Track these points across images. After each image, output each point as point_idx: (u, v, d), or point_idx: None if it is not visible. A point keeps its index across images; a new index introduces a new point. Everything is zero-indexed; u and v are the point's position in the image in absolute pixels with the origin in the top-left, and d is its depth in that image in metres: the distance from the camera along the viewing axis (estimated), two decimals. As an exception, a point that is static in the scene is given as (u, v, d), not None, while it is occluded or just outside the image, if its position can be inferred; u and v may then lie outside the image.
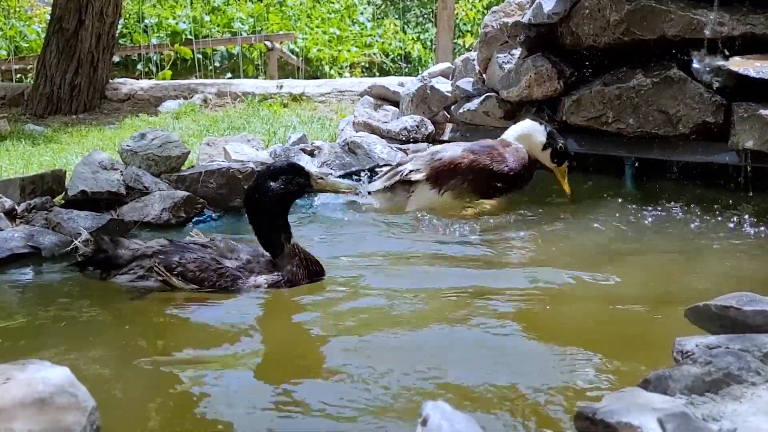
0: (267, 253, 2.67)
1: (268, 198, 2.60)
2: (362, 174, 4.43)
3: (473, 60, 5.04)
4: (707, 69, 3.76)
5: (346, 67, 12.19)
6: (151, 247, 2.67)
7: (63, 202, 3.51)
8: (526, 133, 3.94)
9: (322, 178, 2.74)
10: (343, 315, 2.36)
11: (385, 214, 3.77)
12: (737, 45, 3.74)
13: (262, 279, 2.59)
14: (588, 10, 4.08)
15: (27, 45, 10.90)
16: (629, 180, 4.34)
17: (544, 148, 3.89)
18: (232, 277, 2.58)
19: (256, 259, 2.66)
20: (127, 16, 11.13)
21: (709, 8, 3.77)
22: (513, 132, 3.98)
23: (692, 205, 3.65)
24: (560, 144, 3.90)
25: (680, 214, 3.61)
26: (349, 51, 12.24)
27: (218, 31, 11.70)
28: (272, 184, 2.61)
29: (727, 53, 3.75)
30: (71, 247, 2.67)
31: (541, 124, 3.98)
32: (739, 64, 3.65)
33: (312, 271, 2.65)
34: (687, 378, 1.33)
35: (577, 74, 4.33)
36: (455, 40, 11.25)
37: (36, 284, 2.77)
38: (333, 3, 13.25)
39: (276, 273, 2.61)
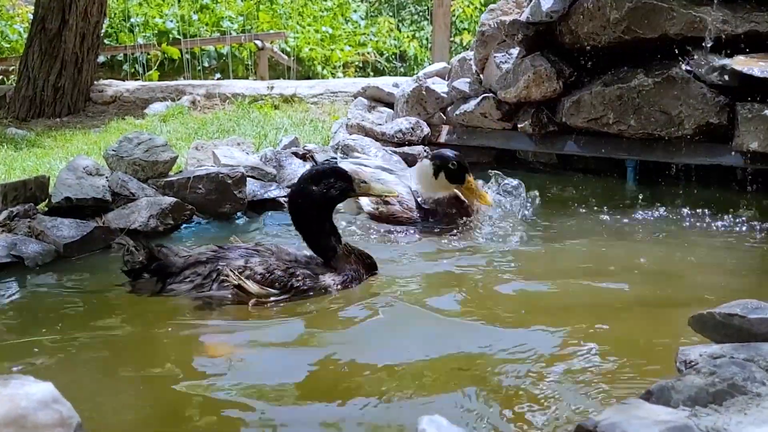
0: (317, 256, 2.69)
1: (311, 203, 2.65)
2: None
3: (470, 60, 5.06)
4: (710, 68, 3.77)
5: (339, 66, 12.19)
6: (203, 254, 2.62)
7: (47, 209, 3.50)
8: (417, 175, 3.65)
9: (364, 182, 2.80)
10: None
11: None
12: (741, 43, 3.76)
13: (330, 279, 2.60)
14: (587, 8, 4.10)
15: (9, 45, 10.88)
16: (631, 182, 4.36)
17: (436, 174, 3.50)
18: (303, 275, 2.56)
19: (313, 260, 2.68)
20: (113, 15, 11.12)
21: (712, 6, 3.79)
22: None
23: (695, 209, 3.67)
24: (451, 162, 3.50)
25: (683, 217, 3.62)
26: (342, 50, 12.24)
27: (207, 30, 11.69)
28: (314, 188, 2.66)
29: (730, 52, 3.77)
30: (122, 252, 2.61)
31: (426, 156, 3.79)
32: (742, 63, 3.67)
33: (368, 265, 2.71)
34: (690, 389, 1.33)
35: (577, 74, 4.35)
36: (451, 39, 11.26)
37: (18, 295, 2.76)
38: (325, 0, 13.26)
39: (342, 273, 2.63)
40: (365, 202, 3.65)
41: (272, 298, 2.51)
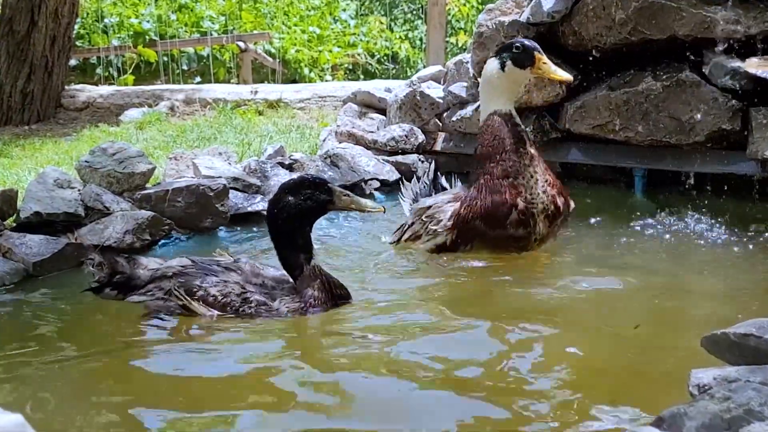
0: (287, 279, 2.76)
1: (285, 213, 2.69)
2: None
3: (467, 62, 5.07)
4: (722, 71, 3.79)
5: (328, 69, 12.23)
6: (171, 267, 2.75)
7: (14, 224, 3.49)
8: (484, 85, 3.49)
9: (347, 195, 2.80)
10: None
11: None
12: (755, 45, 3.79)
13: (284, 307, 2.66)
14: (591, 8, 4.12)
15: (-27, 48, 10.86)
16: (639, 192, 4.37)
17: (503, 65, 3.37)
18: (257, 302, 2.65)
19: (281, 285, 2.74)
20: (85, 15, 11.12)
21: (724, 5, 3.82)
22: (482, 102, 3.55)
23: (707, 220, 3.68)
24: (514, 45, 3.37)
25: (694, 229, 3.63)
26: (330, 51, 12.27)
27: (186, 31, 11.71)
28: (290, 198, 2.70)
29: (744, 54, 3.79)
30: (86, 271, 2.79)
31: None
32: (756, 66, 3.69)
33: (336, 295, 2.72)
34: (704, 415, 1.34)
35: (581, 78, 4.37)
36: (447, 39, 11.32)
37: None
38: (312, -1, 13.32)
39: (297, 300, 2.67)
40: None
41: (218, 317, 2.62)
